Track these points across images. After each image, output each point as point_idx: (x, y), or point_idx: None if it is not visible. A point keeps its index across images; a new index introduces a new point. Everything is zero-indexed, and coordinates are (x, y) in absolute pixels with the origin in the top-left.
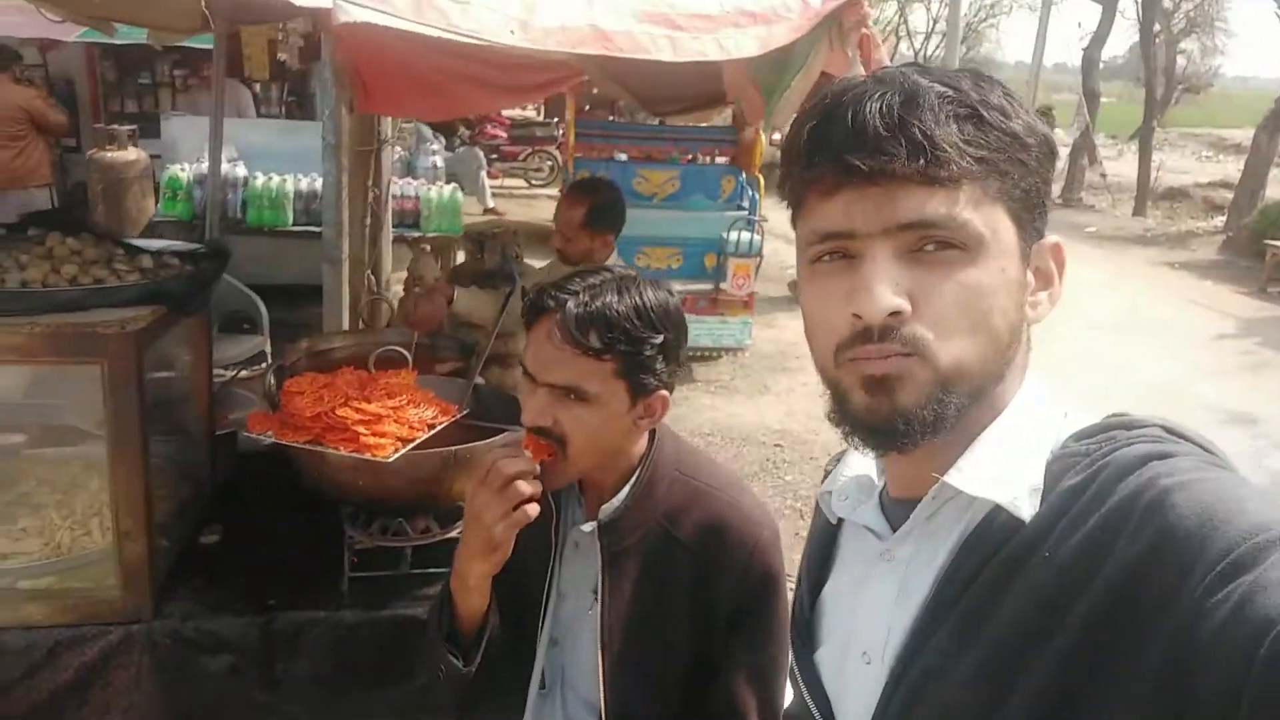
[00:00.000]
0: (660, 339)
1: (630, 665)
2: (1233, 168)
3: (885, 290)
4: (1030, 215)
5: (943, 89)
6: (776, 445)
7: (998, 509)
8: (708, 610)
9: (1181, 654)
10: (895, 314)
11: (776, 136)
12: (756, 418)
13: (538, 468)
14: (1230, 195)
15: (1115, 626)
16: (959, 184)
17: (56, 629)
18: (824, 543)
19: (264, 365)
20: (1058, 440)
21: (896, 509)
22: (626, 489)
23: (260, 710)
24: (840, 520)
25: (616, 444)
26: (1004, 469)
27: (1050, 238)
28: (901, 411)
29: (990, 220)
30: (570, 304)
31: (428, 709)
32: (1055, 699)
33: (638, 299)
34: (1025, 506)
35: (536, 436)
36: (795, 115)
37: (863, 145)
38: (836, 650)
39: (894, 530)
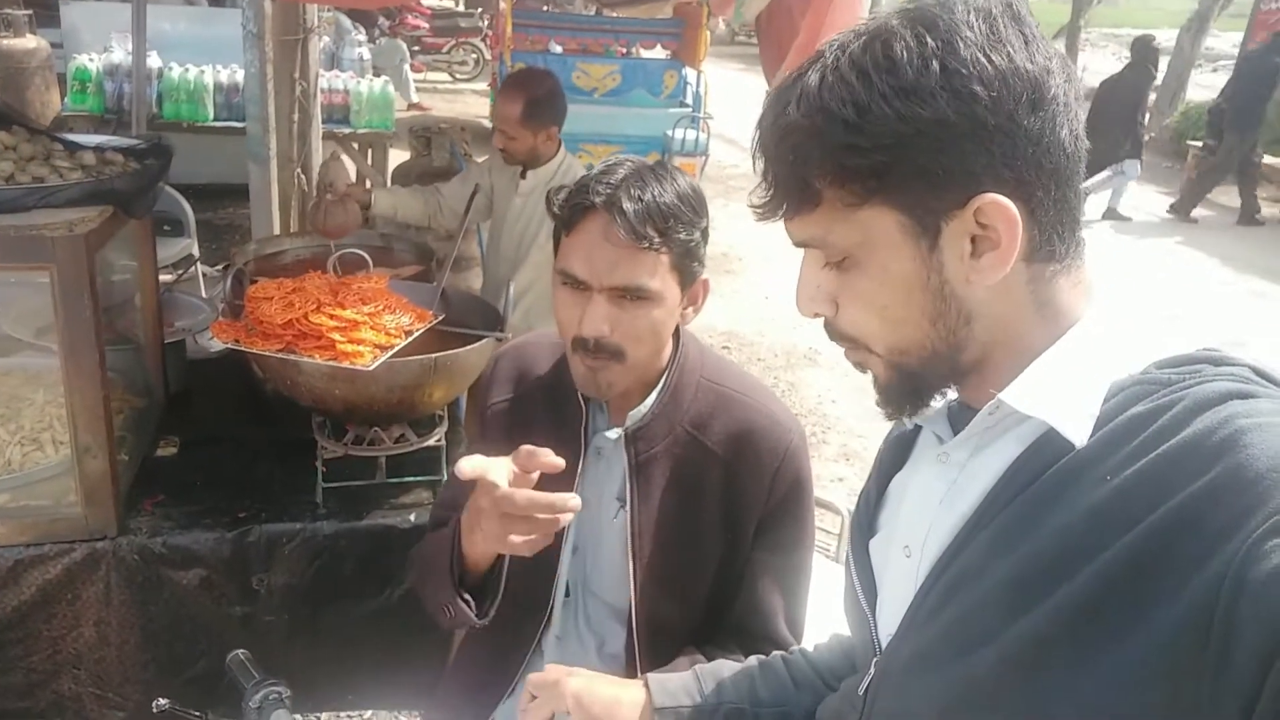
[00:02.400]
0: (705, 222)
1: (659, 572)
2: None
3: (800, 297)
4: (927, 202)
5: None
6: (724, 347)
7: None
8: (736, 517)
9: (1227, 593)
10: (825, 317)
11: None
12: (702, 319)
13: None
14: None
15: (1163, 554)
16: (817, 205)
17: (15, 548)
18: (902, 441)
19: (192, 269)
20: (1138, 365)
21: (961, 415)
22: (653, 396)
23: (238, 621)
24: (920, 426)
25: (664, 341)
26: (1060, 392)
27: (982, 198)
28: (881, 388)
29: (866, 226)
30: (624, 200)
31: (409, 618)
32: (1083, 614)
33: (676, 185)
34: (1077, 431)
35: (591, 352)
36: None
37: None
38: (885, 540)
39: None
